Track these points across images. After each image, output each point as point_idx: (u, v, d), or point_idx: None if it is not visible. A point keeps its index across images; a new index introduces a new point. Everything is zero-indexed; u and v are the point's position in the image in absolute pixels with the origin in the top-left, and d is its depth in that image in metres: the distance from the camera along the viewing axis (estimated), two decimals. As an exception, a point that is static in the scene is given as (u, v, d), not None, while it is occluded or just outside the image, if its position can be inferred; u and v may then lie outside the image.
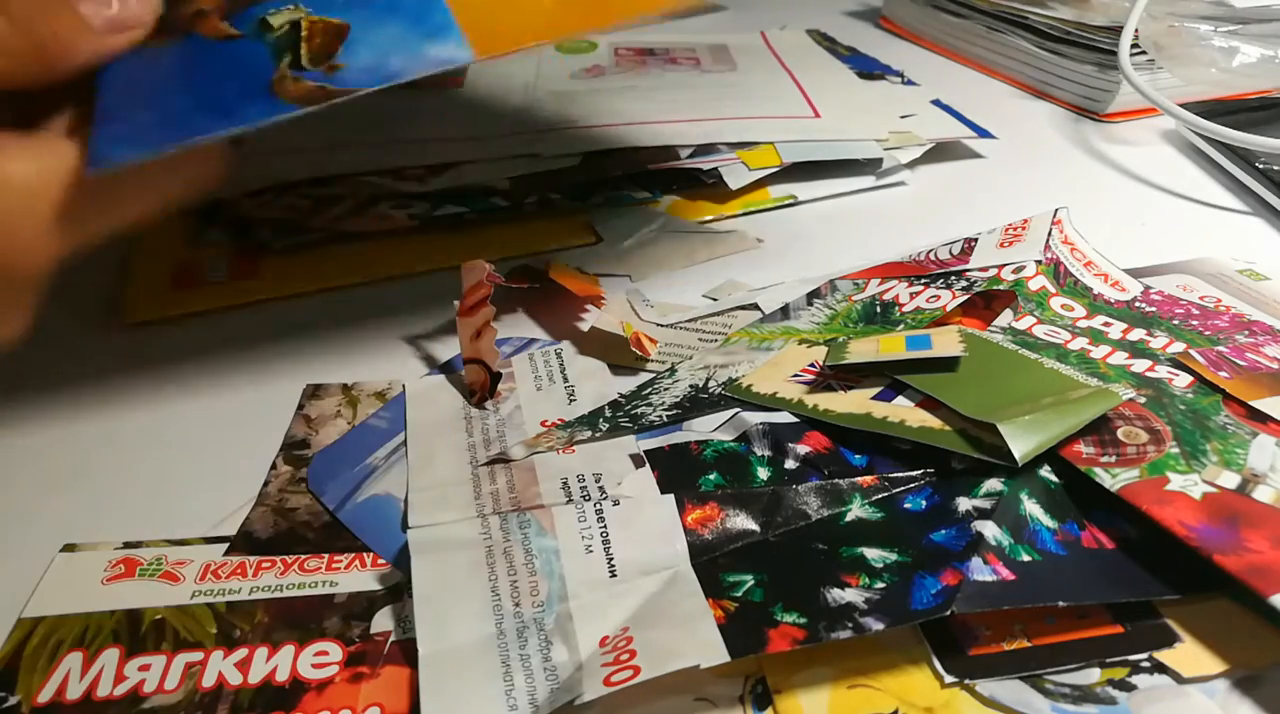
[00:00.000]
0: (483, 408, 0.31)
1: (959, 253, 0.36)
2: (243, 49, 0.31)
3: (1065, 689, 0.22)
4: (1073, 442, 0.26)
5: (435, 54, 0.30)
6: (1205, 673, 0.22)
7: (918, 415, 0.27)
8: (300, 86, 0.29)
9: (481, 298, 0.30)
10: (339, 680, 0.23)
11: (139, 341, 0.35)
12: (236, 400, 0.33)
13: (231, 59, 0.30)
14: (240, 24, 0.32)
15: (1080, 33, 0.54)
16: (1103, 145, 0.51)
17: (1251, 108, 0.51)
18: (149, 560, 0.26)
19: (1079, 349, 0.30)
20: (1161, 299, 0.34)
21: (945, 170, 0.48)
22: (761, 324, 0.34)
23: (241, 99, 0.29)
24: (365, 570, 0.26)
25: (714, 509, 0.25)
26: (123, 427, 0.32)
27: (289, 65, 0.29)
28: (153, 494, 0.29)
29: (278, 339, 0.34)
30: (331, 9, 0.32)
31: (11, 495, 0.29)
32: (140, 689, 0.22)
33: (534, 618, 0.23)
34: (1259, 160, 0.45)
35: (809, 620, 0.22)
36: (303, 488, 0.28)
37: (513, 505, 0.26)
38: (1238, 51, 0.51)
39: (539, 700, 0.21)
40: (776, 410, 0.29)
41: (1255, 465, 0.25)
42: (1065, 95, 0.56)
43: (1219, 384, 0.28)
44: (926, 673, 0.22)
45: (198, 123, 0.28)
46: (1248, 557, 0.22)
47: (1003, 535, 0.24)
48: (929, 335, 0.29)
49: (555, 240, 0.42)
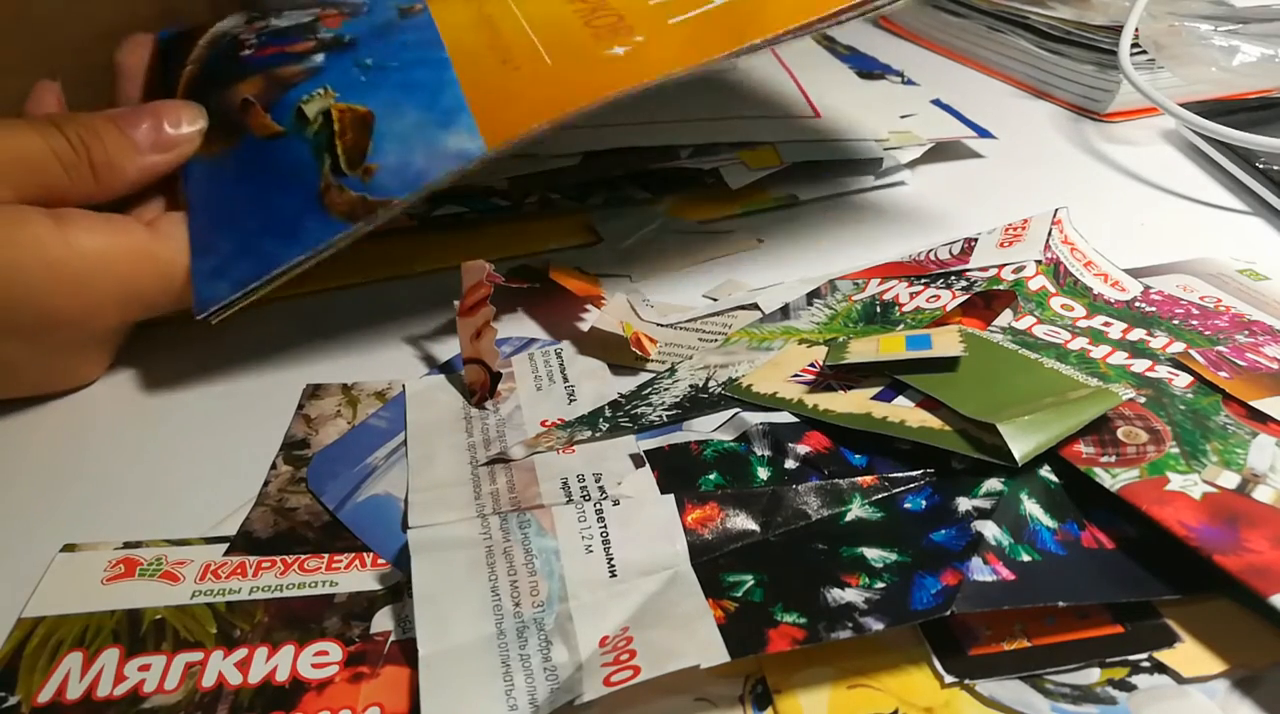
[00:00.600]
0: (483, 408, 0.31)
1: (959, 253, 0.36)
2: (288, 150, 0.34)
3: (1065, 689, 0.22)
4: (1073, 442, 0.26)
5: (452, 147, 0.33)
6: (1205, 673, 0.22)
7: (918, 415, 0.27)
8: (345, 197, 0.32)
9: (481, 298, 0.30)
10: (339, 680, 0.23)
11: (140, 342, 0.35)
12: (236, 400, 0.33)
13: (282, 164, 0.34)
14: (280, 114, 0.35)
15: (1080, 32, 0.54)
16: (1103, 145, 0.51)
17: (1251, 108, 0.51)
18: (149, 560, 0.26)
19: (1079, 349, 0.30)
20: (1161, 299, 0.34)
21: (945, 170, 0.48)
22: (761, 324, 0.34)
23: (300, 215, 0.33)
24: (365, 570, 0.26)
25: (714, 509, 0.25)
26: (123, 427, 0.32)
27: (331, 170, 0.33)
28: (153, 494, 0.29)
29: (278, 339, 0.34)
30: (354, 89, 0.35)
31: (11, 495, 0.29)
32: (140, 689, 0.22)
33: (534, 618, 0.23)
34: (1259, 160, 0.45)
35: (809, 620, 0.22)
36: (303, 488, 0.28)
37: (513, 505, 0.26)
38: (1238, 51, 0.51)
39: (539, 700, 0.21)
40: (776, 410, 0.29)
41: (1255, 465, 0.25)
42: (1065, 95, 0.56)
43: (1219, 384, 0.28)
44: (926, 673, 0.22)
45: (270, 250, 0.32)
46: (1247, 557, 0.22)
47: (1003, 535, 0.24)
48: (929, 335, 0.29)
49: (555, 240, 0.42)
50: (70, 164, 0.31)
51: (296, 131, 0.34)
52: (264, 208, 0.33)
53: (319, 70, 0.36)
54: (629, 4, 0.37)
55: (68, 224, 0.30)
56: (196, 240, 0.32)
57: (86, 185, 0.31)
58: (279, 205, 0.33)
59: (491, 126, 0.33)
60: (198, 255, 0.32)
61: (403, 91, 0.35)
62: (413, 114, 0.34)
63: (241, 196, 0.33)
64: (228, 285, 0.31)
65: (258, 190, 0.34)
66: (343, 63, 0.36)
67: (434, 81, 0.35)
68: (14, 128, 0.31)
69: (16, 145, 0.30)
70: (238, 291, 0.31)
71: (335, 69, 0.36)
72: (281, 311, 0.37)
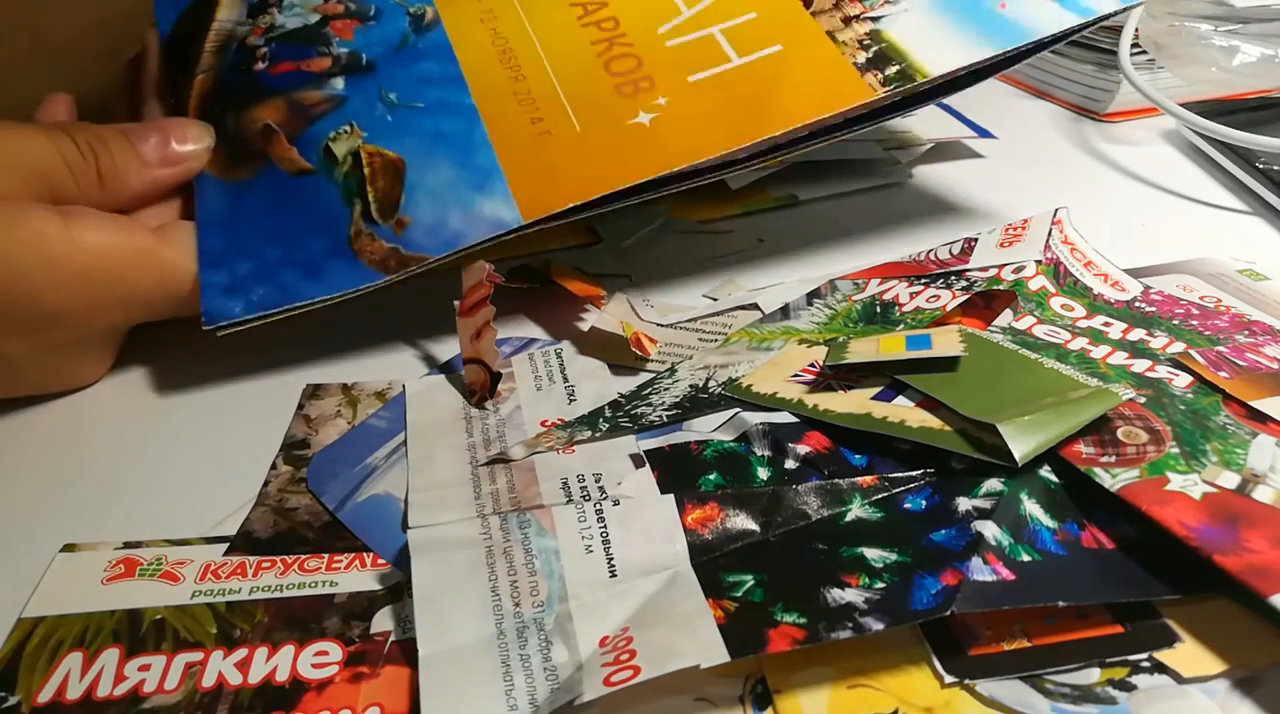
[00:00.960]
0: (483, 408, 0.31)
1: (959, 253, 0.36)
2: (316, 190, 0.35)
3: (1065, 689, 0.22)
4: (1073, 442, 0.26)
5: (488, 212, 0.33)
6: (1205, 673, 0.22)
7: (918, 415, 0.27)
8: (377, 247, 0.33)
9: (481, 298, 0.30)
10: (339, 680, 0.23)
11: (139, 342, 0.35)
12: (236, 400, 0.33)
13: (309, 202, 0.34)
14: (307, 150, 0.35)
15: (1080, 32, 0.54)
16: (1103, 145, 0.51)
17: (1251, 108, 0.51)
18: (149, 560, 0.26)
19: (1079, 349, 0.30)
20: (1161, 299, 0.34)
21: (945, 170, 0.48)
22: (761, 324, 0.34)
23: (328, 257, 0.33)
24: (365, 570, 0.26)
25: (714, 509, 0.25)
26: (123, 426, 0.32)
27: (362, 216, 0.33)
28: (153, 494, 0.29)
29: (278, 339, 0.34)
30: (382, 130, 0.35)
31: (11, 495, 0.29)
32: (140, 689, 0.22)
33: (534, 618, 0.23)
34: (1259, 160, 0.45)
35: (809, 620, 0.22)
36: (303, 488, 0.28)
37: (513, 505, 0.26)
38: (1238, 51, 0.51)
39: (539, 700, 0.21)
40: (776, 410, 0.29)
41: (1255, 465, 0.25)
42: (1065, 95, 0.56)
43: (1219, 384, 0.28)
44: (926, 673, 0.22)
45: (291, 283, 0.32)
46: (1247, 557, 0.22)
47: (1003, 535, 0.24)
48: (929, 335, 0.29)
49: (555, 240, 0.42)
50: (78, 170, 0.31)
51: (325, 171, 0.35)
52: (289, 241, 0.33)
53: (342, 101, 0.36)
54: (644, 40, 0.37)
55: (73, 220, 0.30)
56: (208, 254, 0.32)
57: (92, 193, 0.32)
58: (305, 242, 0.33)
59: (527, 200, 0.33)
60: (209, 268, 0.32)
61: (433, 142, 0.35)
62: (446, 169, 0.34)
63: (264, 224, 0.34)
64: (242, 306, 0.32)
65: (282, 223, 0.34)
66: (366, 93, 0.37)
67: (464, 135, 0.35)
68: (23, 131, 0.31)
69: (25, 148, 0.31)
70: (252, 314, 0.32)
71: (359, 101, 0.36)
72: (281, 311, 0.37)
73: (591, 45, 0.37)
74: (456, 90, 0.36)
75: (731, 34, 0.37)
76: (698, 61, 0.36)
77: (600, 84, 0.36)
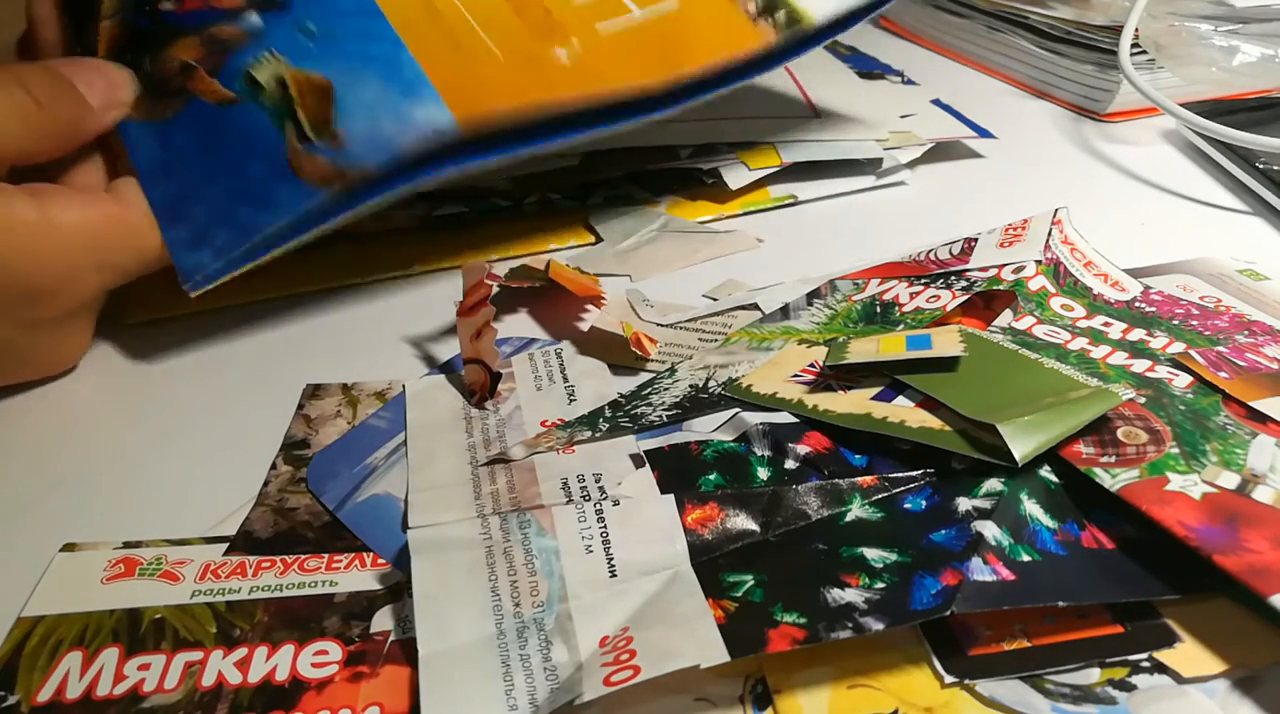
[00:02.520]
0: (483, 408, 0.31)
1: (959, 253, 0.36)
2: (245, 117, 0.34)
3: (1065, 689, 0.22)
4: (1073, 442, 0.26)
5: (420, 117, 0.33)
6: (1205, 673, 0.22)
7: (918, 415, 0.27)
8: (317, 164, 0.32)
9: (481, 298, 0.30)
10: (339, 680, 0.23)
11: (139, 341, 0.35)
12: (236, 400, 0.33)
13: (241, 131, 0.34)
14: (228, 80, 0.35)
15: (1080, 32, 0.54)
16: (1103, 145, 0.51)
17: (1251, 108, 0.51)
18: (149, 560, 0.26)
19: (1079, 349, 0.30)
20: (1161, 299, 0.34)
21: (945, 170, 0.48)
22: (761, 324, 0.34)
23: (271, 182, 0.32)
24: (365, 570, 0.26)
25: (714, 509, 0.25)
26: (123, 426, 0.32)
27: (297, 137, 0.33)
28: (153, 494, 0.29)
29: (278, 339, 0.34)
30: (305, 57, 0.35)
31: (12, 495, 0.29)
32: (140, 688, 0.22)
33: (534, 618, 0.23)
34: (1259, 160, 0.45)
35: (809, 620, 0.22)
36: (303, 488, 0.28)
37: (513, 505, 0.26)
38: (1238, 51, 0.51)
39: (539, 700, 0.21)
40: (776, 410, 0.29)
41: (1255, 466, 0.25)
42: (1065, 95, 0.56)
43: (1219, 384, 0.28)
44: (926, 673, 0.22)
45: (246, 217, 0.32)
46: (1247, 557, 0.22)
47: (1003, 535, 0.24)
48: (929, 335, 0.29)
49: (555, 240, 0.42)
50: (33, 121, 0.30)
51: (251, 97, 0.34)
52: (230, 175, 0.33)
53: (260, 33, 0.35)
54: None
55: (46, 202, 0.29)
56: (161, 208, 0.32)
57: (46, 143, 0.31)
58: (246, 173, 0.33)
59: (459, 104, 0.33)
60: (168, 224, 0.32)
61: (360, 62, 0.35)
62: (374, 84, 0.34)
63: (203, 164, 0.33)
64: (209, 254, 0.31)
65: (220, 158, 0.33)
66: (284, 26, 0.36)
67: (389, 57, 0.35)
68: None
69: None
70: (221, 260, 0.31)
71: (278, 33, 0.36)
72: (282, 311, 0.37)
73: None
74: (376, 21, 0.36)
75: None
76: (603, 13, 0.38)
77: (514, 26, 0.37)
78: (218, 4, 0.37)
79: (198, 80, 0.34)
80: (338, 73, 0.34)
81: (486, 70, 0.35)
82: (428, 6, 0.38)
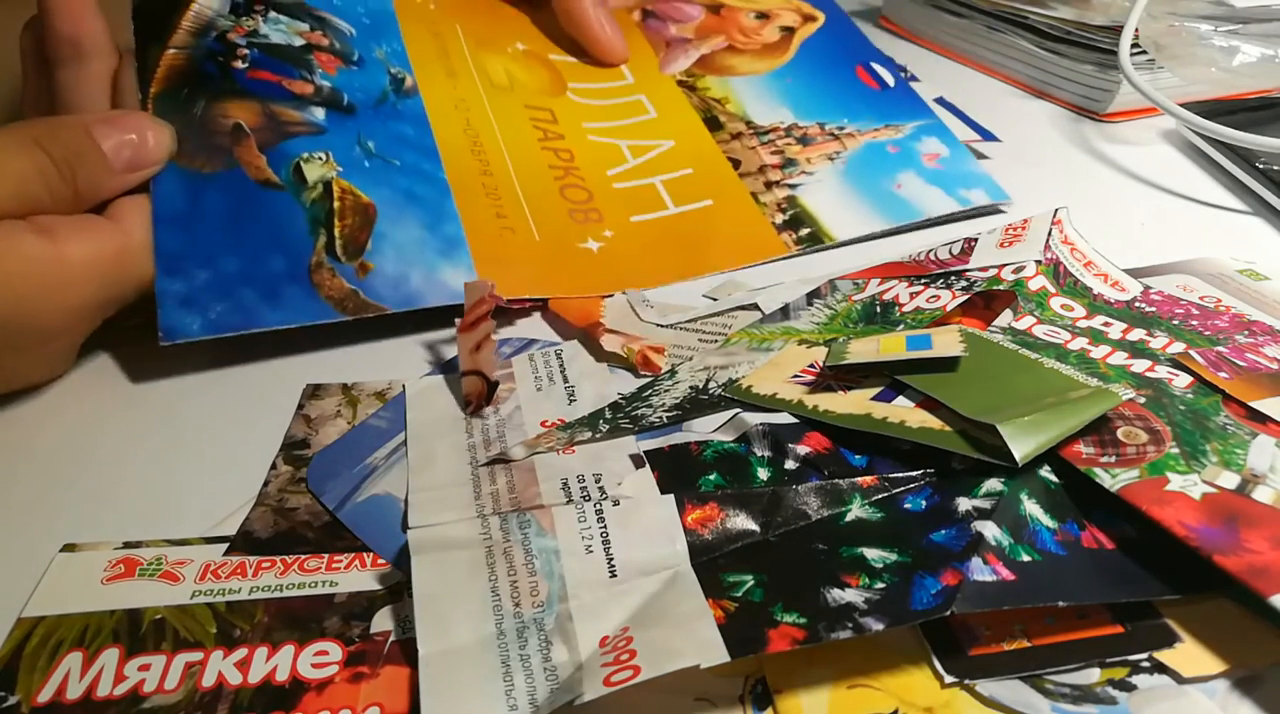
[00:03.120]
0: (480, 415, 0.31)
1: (959, 253, 0.36)
2: (282, 207, 0.35)
3: (1065, 689, 0.22)
4: (1073, 442, 0.26)
5: (450, 281, 0.35)
6: (1205, 673, 0.22)
7: (918, 415, 0.27)
8: (337, 284, 0.34)
9: (482, 314, 0.30)
10: (339, 680, 0.23)
11: (139, 342, 0.34)
12: (236, 400, 0.33)
13: (273, 219, 0.34)
14: (277, 164, 0.35)
15: (1080, 32, 0.54)
16: (1103, 145, 0.51)
17: (1251, 108, 0.51)
18: (149, 560, 0.26)
19: (1079, 349, 0.30)
20: (1161, 299, 0.34)
21: (945, 170, 0.48)
22: (761, 324, 0.34)
23: (286, 282, 0.33)
24: (365, 570, 0.26)
25: (714, 509, 0.25)
26: (123, 427, 0.32)
27: (325, 248, 0.34)
28: (153, 494, 0.29)
29: (278, 339, 0.34)
30: (357, 172, 0.36)
31: (11, 495, 0.29)
32: (140, 689, 0.22)
33: (534, 618, 0.23)
34: (1259, 160, 0.45)
35: (809, 620, 0.22)
36: (303, 488, 0.28)
37: (513, 506, 0.26)
38: (1238, 51, 0.51)
39: (539, 700, 0.21)
40: (776, 411, 0.29)
41: (1255, 466, 0.25)
42: (1065, 95, 0.56)
43: (1219, 384, 0.28)
44: (926, 673, 0.22)
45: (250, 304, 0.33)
46: (1247, 557, 0.22)
47: (1003, 535, 0.24)
48: (929, 335, 0.29)
49: None
50: (56, 191, 0.31)
51: (293, 190, 0.35)
52: (248, 257, 0.33)
53: (321, 130, 0.37)
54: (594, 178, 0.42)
55: (58, 238, 0.30)
56: (164, 255, 0.32)
57: (65, 205, 0.32)
58: (265, 262, 0.33)
59: (489, 274, 0.35)
60: (165, 273, 0.32)
61: (406, 200, 0.36)
62: (414, 228, 0.36)
63: (225, 234, 0.34)
64: (199, 323, 0.32)
65: (243, 236, 0.34)
66: (346, 132, 0.37)
67: (436, 203, 0.37)
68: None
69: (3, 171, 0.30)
70: (208, 329, 0.32)
71: (338, 138, 0.37)
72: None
73: (549, 169, 0.41)
74: (431, 161, 0.38)
75: (670, 185, 0.42)
76: (640, 205, 0.41)
77: (556, 205, 0.40)
78: (289, 86, 0.38)
79: (246, 149, 0.35)
80: (384, 200, 0.36)
81: (522, 251, 0.37)
82: (480, 160, 0.40)
